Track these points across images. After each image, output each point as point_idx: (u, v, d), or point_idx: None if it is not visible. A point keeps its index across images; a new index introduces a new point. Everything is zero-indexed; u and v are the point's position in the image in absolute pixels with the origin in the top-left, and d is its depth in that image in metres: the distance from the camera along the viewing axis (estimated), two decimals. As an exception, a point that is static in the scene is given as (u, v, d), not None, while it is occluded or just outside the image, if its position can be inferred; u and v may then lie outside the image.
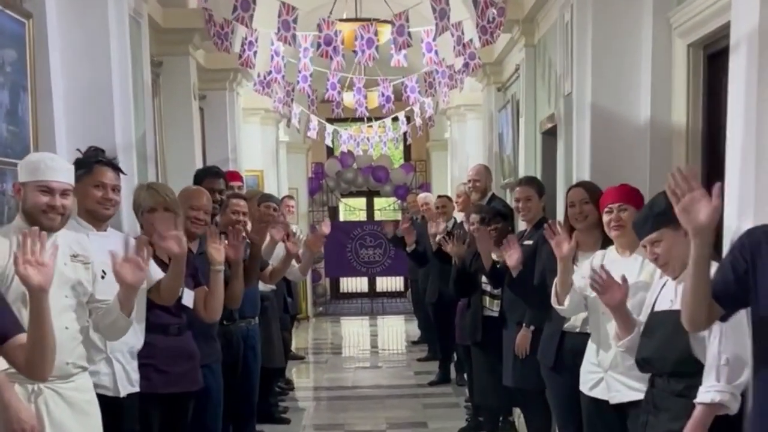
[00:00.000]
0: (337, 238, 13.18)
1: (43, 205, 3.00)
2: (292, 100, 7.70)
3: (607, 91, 4.40)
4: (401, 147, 17.10)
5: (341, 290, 16.15)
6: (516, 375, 5.05)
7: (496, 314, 5.45)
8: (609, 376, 3.70)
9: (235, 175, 6.29)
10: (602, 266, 3.34)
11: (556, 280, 3.87)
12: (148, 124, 4.94)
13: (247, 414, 5.65)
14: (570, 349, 4.13)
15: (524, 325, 4.98)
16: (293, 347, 9.96)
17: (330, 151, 15.61)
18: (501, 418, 6.15)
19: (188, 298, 3.99)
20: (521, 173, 6.44)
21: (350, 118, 11.37)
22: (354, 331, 12.81)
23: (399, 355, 10.12)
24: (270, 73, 6.69)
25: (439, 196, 8.16)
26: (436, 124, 11.00)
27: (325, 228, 8.00)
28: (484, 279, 5.52)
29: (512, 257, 4.37)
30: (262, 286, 5.81)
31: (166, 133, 6.09)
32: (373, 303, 14.47)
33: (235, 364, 5.03)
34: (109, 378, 3.52)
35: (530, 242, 5.01)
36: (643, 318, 3.29)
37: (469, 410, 6.83)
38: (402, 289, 15.92)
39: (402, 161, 15.93)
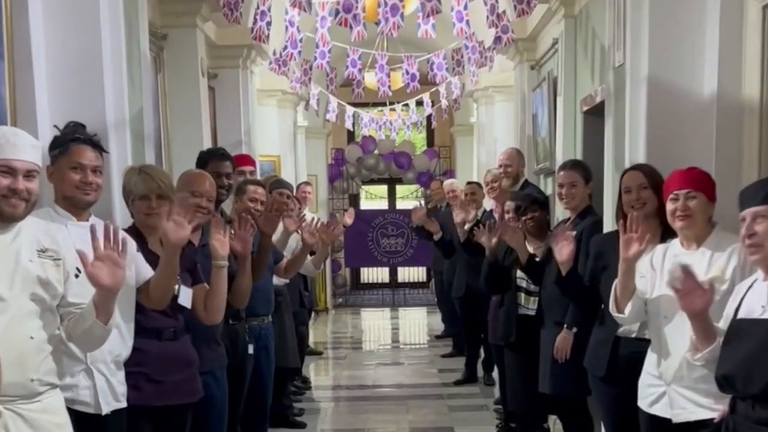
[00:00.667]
0: (357, 226, 12.68)
1: (3, 189, 2.50)
2: (309, 79, 7.17)
3: (666, 60, 3.83)
4: (424, 133, 16.57)
5: (362, 280, 15.67)
6: (554, 381, 4.52)
7: (532, 313, 4.93)
8: (672, 390, 3.16)
9: (247, 159, 5.77)
10: (687, 266, 2.77)
11: (615, 283, 3.31)
12: (146, 100, 4.44)
13: (260, 419, 5.15)
14: (625, 357, 3.57)
15: (565, 326, 4.45)
16: (311, 342, 9.50)
17: (351, 137, 15.13)
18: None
19: (185, 297, 3.47)
20: (559, 157, 5.88)
21: (371, 102, 10.87)
22: (375, 323, 12.32)
23: (422, 350, 9.60)
24: (285, 48, 6.16)
25: (469, 183, 7.61)
26: (461, 107, 10.46)
27: (348, 218, 7.51)
28: (519, 274, 4.98)
29: (563, 251, 3.80)
30: (275, 280, 5.32)
31: (171, 113, 5.58)
32: (394, 294, 13.95)
33: (241, 368, 4.52)
34: (89, 392, 3.01)
35: (572, 233, 4.48)
36: (722, 325, 2.74)
37: (500, 414, 6.31)
38: (424, 280, 15.42)
39: (425, 147, 15.39)
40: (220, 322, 3.92)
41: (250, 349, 4.81)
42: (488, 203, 7.23)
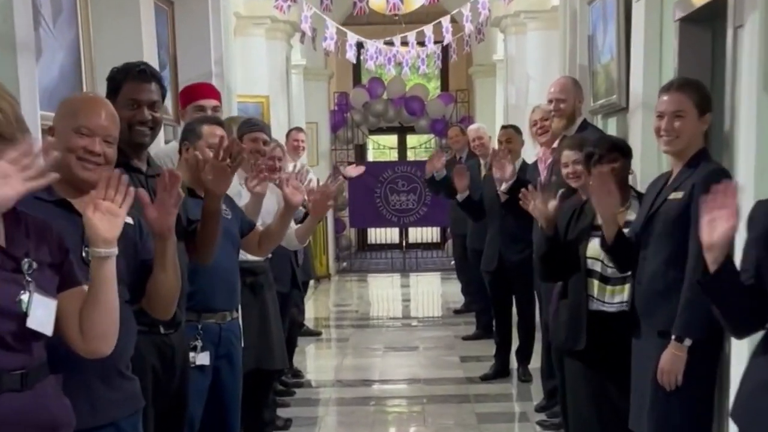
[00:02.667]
0: (363, 181, 11.20)
1: None
2: (299, -6, 5.57)
3: None
4: (436, 81, 14.89)
5: (369, 242, 14.15)
6: (657, 419, 2.99)
7: (611, 309, 3.40)
8: None
9: (207, 90, 4.22)
10: None
11: None
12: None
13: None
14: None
15: (673, 337, 2.91)
16: (311, 317, 8.09)
17: (357, 79, 13.57)
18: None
19: (42, 314, 1.93)
20: (635, 88, 4.28)
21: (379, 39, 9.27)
22: (383, 293, 10.81)
23: (439, 329, 8.04)
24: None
25: (504, 127, 6.00)
26: (484, 39, 8.84)
27: (353, 171, 6.07)
28: (590, 252, 3.43)
29: (720, 229, 2.16)
30: (246, 255, 3.82)
31: (98, 26, 3.98)
32: (405, 257, 12.37)
33: (178, 398, 3.00)
34: None
35: (679, 195, 2.95)
36: None
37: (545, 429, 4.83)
38: (438, 240, 13.91)
39: (438, 93, 13.76)
40: (131, 340, 2.41)
41: (202, 360, 3.37)
42: (530, 153, 5.69)
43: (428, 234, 13.84)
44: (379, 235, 13.83)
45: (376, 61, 8.19)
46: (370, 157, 14.65)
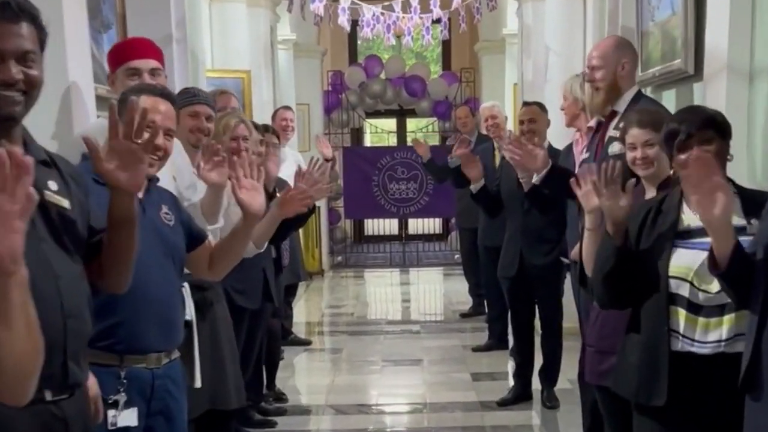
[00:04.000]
0: (359, 168, 10.31)
1: None
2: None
3: None
4: (437, 57, 13.93)
5: (365, 233, 13.18)
6: None
7: (704, 351, 2.42)
8: None
9: (144, 47, 3.20)
10: None
11: None
12: None
13: None
14: None
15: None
16: (300, 322, 7.22)
17: (353, 57, 12.61)
18: None
19: None
20: (714, 49, 3.29)
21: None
22: (381, 292, 9.85)
23: (445, 338, 7.01)
24: None
25: (526, 104, 4.99)
26: (494, 9, 7.84)
27: (325, 149, 5.23)
28: (673, 269, 2.45)
29: None
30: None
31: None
32: (405, 250, 11.41)
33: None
34: None
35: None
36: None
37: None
38: (440, 232, 12.96)
39: (440, 72, 12.76)
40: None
41: (127, 419, 2.45)
42: (559, 135, 4.72)
43: (429, 225, 12.88)
44: (376, 226, 12.86)
45: (372, 29, 7.17)
46: (368, 141, 13.71)
